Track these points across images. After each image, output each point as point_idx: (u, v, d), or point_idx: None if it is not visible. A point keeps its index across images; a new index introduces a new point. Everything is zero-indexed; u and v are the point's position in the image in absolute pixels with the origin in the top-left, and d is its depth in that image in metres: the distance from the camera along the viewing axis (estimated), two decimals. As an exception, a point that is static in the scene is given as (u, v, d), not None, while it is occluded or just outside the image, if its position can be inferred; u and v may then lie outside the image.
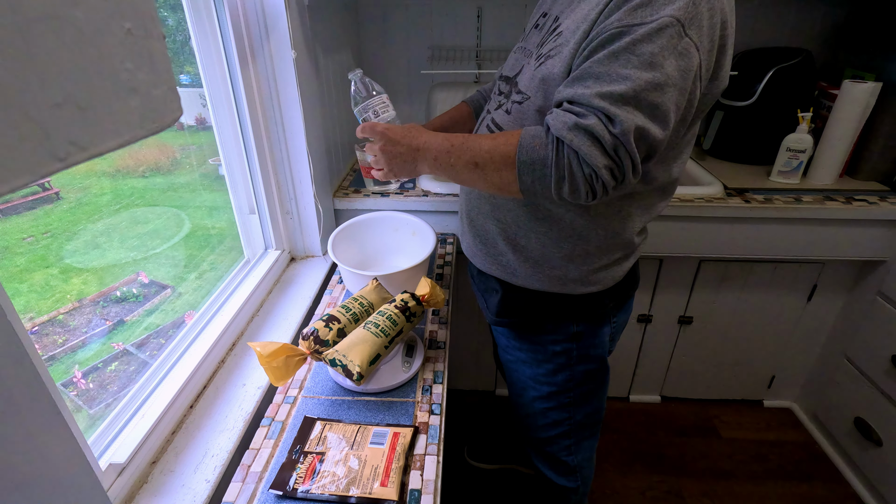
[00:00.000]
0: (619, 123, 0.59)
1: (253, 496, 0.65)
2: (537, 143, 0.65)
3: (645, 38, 0.58)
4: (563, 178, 0.63)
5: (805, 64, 1.39)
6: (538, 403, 0.97)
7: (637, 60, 0.59)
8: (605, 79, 0.60)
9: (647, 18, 0.58)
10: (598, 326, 0.89)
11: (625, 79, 0.59)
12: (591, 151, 0.61)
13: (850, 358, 1.46)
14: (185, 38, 0.92)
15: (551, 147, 0.63)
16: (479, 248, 0.89)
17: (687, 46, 0.59)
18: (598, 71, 0.61)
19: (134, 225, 0.87)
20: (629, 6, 0.60)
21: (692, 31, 0.59)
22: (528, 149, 0.65)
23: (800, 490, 1.49)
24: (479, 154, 0.69)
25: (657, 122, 0.61)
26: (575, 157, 0.62)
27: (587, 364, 0.91)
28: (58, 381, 0.69)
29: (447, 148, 0.71)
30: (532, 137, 0.65)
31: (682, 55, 0.59)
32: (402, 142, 0.74)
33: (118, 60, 0.27)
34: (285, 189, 1.14)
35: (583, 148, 0.60)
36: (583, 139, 0.60)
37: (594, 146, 0.61)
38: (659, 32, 0.58)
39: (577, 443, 1.01)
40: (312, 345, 0.77)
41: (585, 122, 0.60)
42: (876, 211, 1.26)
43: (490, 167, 0.68)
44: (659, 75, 0.59)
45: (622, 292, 0.89)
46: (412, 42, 1.62)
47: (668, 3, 0.58)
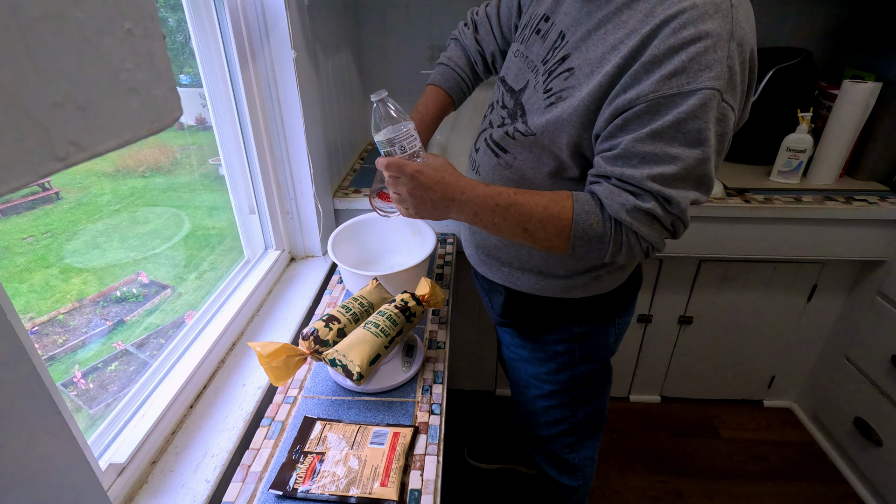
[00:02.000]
0: (676, 205, 0.61)
1: (253, 496, 0.65)
2: (594, 220, 0.64)
3: (690, 115, 0.57)
4: (619, 250, 0.66)
5: (805, 64, 1.39)
6: (540, 402, 0.97)
7: (683, 138, 0.59)
8: (653, 160, 0.60)
9: (684, 88, 0.57)
10: (602, 327, 0.89)
11: (674, 159, 0.59)
12: (651, 232, 0.64)
13: (850, 358, 1.46)
14: (185, 38, 0.92)
15: (609, 226, 0.64)
16: (482, 258, 0.90)
17: (724, 111, 0.59)
18: (644, 151, 0.60)
19: (134, 225, 0.87)
20: (661, 74, 0.57)
21: (728, 95, 0.59)
22: (585, 225, 0.65)
23: (800, 490, 1.49)
24: (529, 220, 0.66)
25: (703, 190, 0.63)
26: (634, 236, 0.64)
27: (590, 364, 0.91)
28: (58, 381, 0.69)
29: (491, 207, 0.67)
30: (587, 214, 0.65)
31: (720, 121, 0.60)
32: (436, 188, 0.68)
33: (118, 60, 0.27)
34: (285, 189, 1.14)
35: (643, 230, 0.63)
36: (643, 222, 0.62)
37: (654, 227, 0.63)
38: (703, 108, 0.57)
39: (578, 441, 1.01)
40: (312, 345, 0.77)
41: (645, 206, 0.61)
42: (876, 211, 1.26)
43: (540, 234, 0.67)
44: (707, 150, 0.59)
45: (625, 294, 0.89)
46: (412, 42, 1.62)
47: (703, 68, 0.56)
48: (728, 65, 0.57)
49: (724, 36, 0.56)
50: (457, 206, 0.68)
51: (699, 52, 0.56)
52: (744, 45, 0.58)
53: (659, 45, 0.57)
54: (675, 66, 0.57)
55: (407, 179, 0.67)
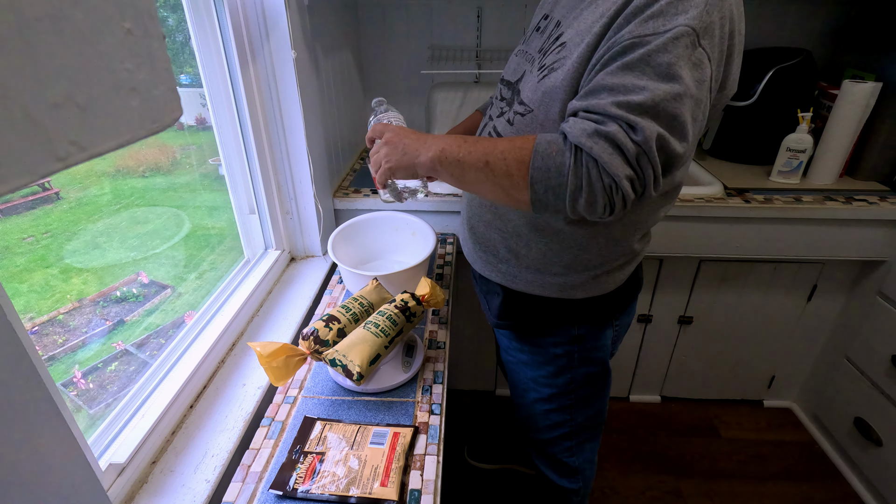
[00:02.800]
0: (640, 131, 0.56)
1: (253, 496, 0.65)
2: (554, 148, 0.61)
3: (661, 48, 0.56)
4: (580, 188, 0.60)
5: (805, 64, 1.39)
6: (539, 405, 0.97)
7: (653, 72, 0.57)
8: (620, 90, 0.58)
9: (660, 28, 0.57)
10: (600, 329, 0.89)
11: (642, 89, 0.57)
12: (612, 160, 0.57)
13: (850, 358, 1.46)
14: (185, 38, 0.92)
15: (569, 154, 0.59)
16: (480, 254, 0.89)
17: (700, 57, 0.58)
18: (612, 83, 0.58)
19: (134, 225, 0.87)
20: (640, 18, 0.58)
21: (705, 40, 0.58)
22: (544, 154, 0.61)
23: (800, 490, 1.49)
24: (492, 153, 0.64)
25: (676, 134, 0.59)
26: (595, 166, 0.58)
27: (588, 367, 0.91)
28: (58, 381, 0.69)
29: (458, 142, 0.68)
30: (548, 143, 0.61)
31: (696, 66, 0.58)
32: (410, 135, 0.73)
33: (118, 60, 0.27)
34: (285, 189, 1.14)
35: (603, 156, 0.57)
36: (604, 146, 0.57)
37: (616, 154, 0.57)
38: (675, 42, 0.56)
39: (578, 444, 1.01)
40: (312, 345, 0.77)
41: (606, 129, 0.57)
42: (876, 211, 1.26)
43: (501, 169, 0.64)
44: (677, 86, 0.57)
45: (625, 296, 0.88)
46: (412, 42, 1.62)
47: (680, 12, 0.57)
48: (707, 10, 0.57)
49: None
50: (427, 147, 0.70)
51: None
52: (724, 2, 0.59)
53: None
54: (653, 10, 0.57)
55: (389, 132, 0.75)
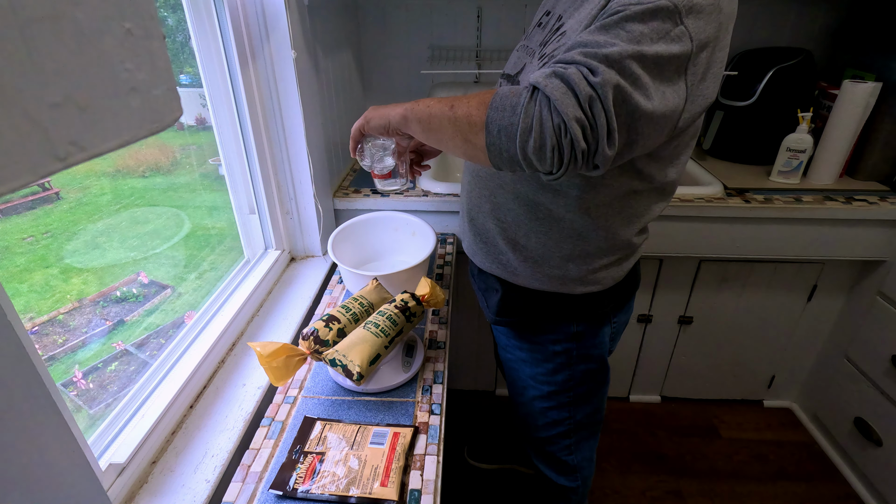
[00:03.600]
0: (599, 74, 0.55)
1: (253, 496, 0.65)
2: (513, 90, 0.61)
3: (636, 16, 0.57)
4: (529, 128, 0.58)
5: (805, 64, 1.39)
6: (538, 403, 0.97)
7: (626, 35, 0.57)
8: (592, 44, 0.58)
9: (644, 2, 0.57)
10: (599, 326, 0.89)
11: (611, 45, 0.56)
12: (564, 98, 0.56)
13: (850, 358, 1.46)
14: (185, 38, 0.92)
15: (525, 94, 0.59)
16: (480, 246, 0.89)
17: (680, 35, 0.58)
18: (586, 39, 0.59)
19: (134, 225, 0.87)
20: None
21: (689, 19, 0.58)
22: (503, 95, 0.61)
23: (800, 490, 1.49)
24: (458, 99, 0.66)
25: (639, 91, 0.57)
26: (546, 105, 0.57)
27: (587, 364, 0.91)
28: (58, 381, 0.69)
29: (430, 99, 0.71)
30: (509, 89, 0.62)
31: (673, 41, 0.58)
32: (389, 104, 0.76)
33: (118, 60, 0.27)
34: (285, 189, 1.14)
35: (556, 93, 0.56)
36: (557, 85, 0.56)
37: (568, 94, 0.56)
38: (652, 14, 0.56)
39: (576, 443, 1.01)
40: (312, 345, 0.77)
41: (563, 70, 0.57)
42: (876, 211, 1.26)
43: (462, 111, 0.64)
44: (646, 52, 0.57)
45: (623, 292, 0.89)
46: (412, 42, 1.62)
47: None
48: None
49: None
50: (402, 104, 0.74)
51: None
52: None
53: None
54: None
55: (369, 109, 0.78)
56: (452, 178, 1.61)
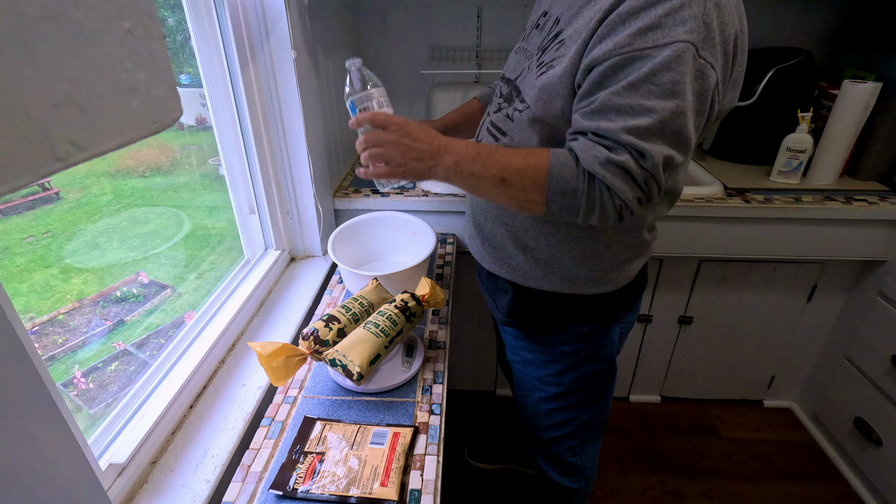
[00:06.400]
0: (649, 158, 0.60)
1: (253, 496, 0.65)
2: (568, 172, 0.64)
3: (664, 66, 0.58)
4: (593, 208, 0.64)
5: (805, 64, 1.39)
6: (544, 404, 0.97)
7: (658, 90, 0.58)
8: (628, 112, 0.60)
9: (659, 42, 0.58)
10: (608, 326, 0.88)
11: (649, 111, 0.59)
12: (623, 187, 0.62)
13: (850, 358, 1.46)
14: (185, 38, 0.92)
15: (583, 179, 0.63)
16: (489, 251, 0.89)
17: (702, 67, 0.59)
18: (619, 104, 0.60)
19: (134, 225, 0.87)
20: (635, 28, 0.58)
21: (706, 51, 0.59)
22: (559, 178, 0.64)
23: (800, 490, 1.49)
24: (507, 169, 0.66)
25: (681, 149, 0.62)
26: (607, 191, 0.63)
27: (595, 364, 0.91)
28: (58, 381, 0.69)
29: (472, 155, 0.68)
30: (562, 165, 0.64)
31: (698, 77, 0.59)
32: (423, 138, 0.69)
33: (118, 60, 0.27)
34: (285, 189, 1.14)
35: (616, 183, 0.61)
36: (615, 175, 0.61)
37: (626, 181, 0.62)
38: (677, 60, 0.57)
39: (581, 444, 1.01)
40: (312, 345, 0.77)
41: (618, 158, 0.60)
42: (876, 211, 1.26)
43: (517, 186, 0.66)
44: (681, 103, 0.59)
45: (632, 292, 0.88)
46: (412, 42, 1.62)
47: (679, 22, 0.57)
48: (704, 21, 0.58)
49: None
50: (442, 157, 0.68)
51: (674, 8, 0.57)
52: (722, 7, 0.59)
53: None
54: (651, 20, 0.58)
55: (396, 128, 0.69)
56: (452, 178, 1.61)
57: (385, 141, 0.70)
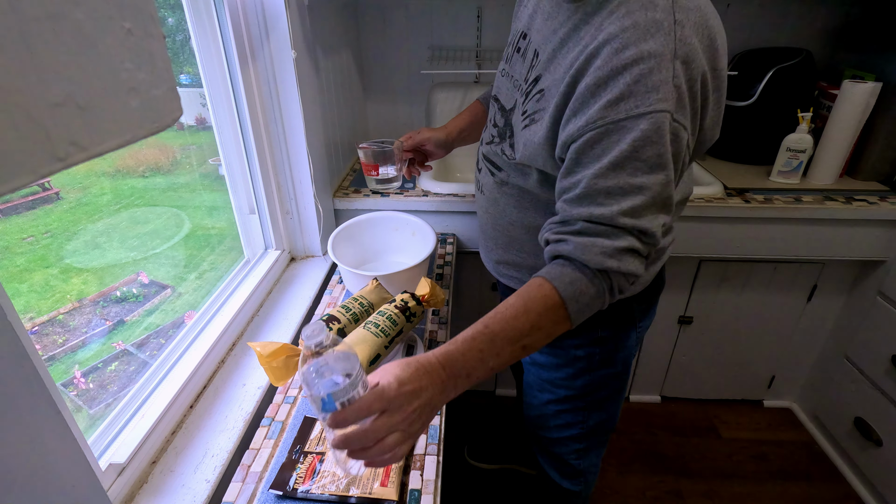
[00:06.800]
0: (651, 234, 0.60)
1: (253, 496, 0.65)
2: (582, 287, 0.60)
3: (646, 140, 0.56)
4: (613, 295, 0.63)
5: (805, 64, 1.39)
6: (552, 406, 0.96)
7: (645, 166, 0.57)
8: (619, 193, 0.58)
9: (633, 112, 0.56)
10: (625, 331, 0.87)
11: (640, 189, 0.58)
12: (636, 267, 0.61)
13: (850, 358, 1.46)
14: (185, 38, 0.92)
15: (598, 280, 0.61)
16: (506, 269, 0.90)
17: (676, 130, 0.58)
18: (608, 186, 0.58)
19: (134, 225, 0.87)
20: (605, 100, 0.57)
21: (679, 114, 0.57)
22: (576, 298, 0.60)
23: (800, 490, 1.49)
24: (522, 337, 0.59)
25: (667, 212, 0.62)
26: (622, 277, 0.61)
27: (608, 369, 0.90)
28: (58, 381, 0.69)
29: (477, 356, 0.57)
30: (572, 285, 0.60)
31: (673, 141, 0.58)
32: (421, 384, 0.53)
33: (118, 60, 0.27)
34: (285, 189, 1.14)
35: (630, 268, 0.60)
36: (627, 261, 0.60)
37: (637, 260, 0.61)
38: (657, 131, 0.56)
39: (586, 448, 1.00)
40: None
41: (624, 244, 0.59)
42: (876, 211, 1.26)
43: (541, 336, 0.61)
44: (668, 173, 0.58)
45: (650, 297, 0.87)
46: (412, 42, 1.62)
47: (650, 90, 0.55)
48: (675, 84, 0.56)
49: (667, 55, 0.55)
50: (451, 382, 0.56)
51: (643, 74, 0.55)
52: (690, 62, 0.57)
53: (602, 66, 0.57)
54: (621, 90, 0.56)
55: (378, 400, 0.51)
56: (452, 178, 1.61)
57: (394, 426, 0.51)
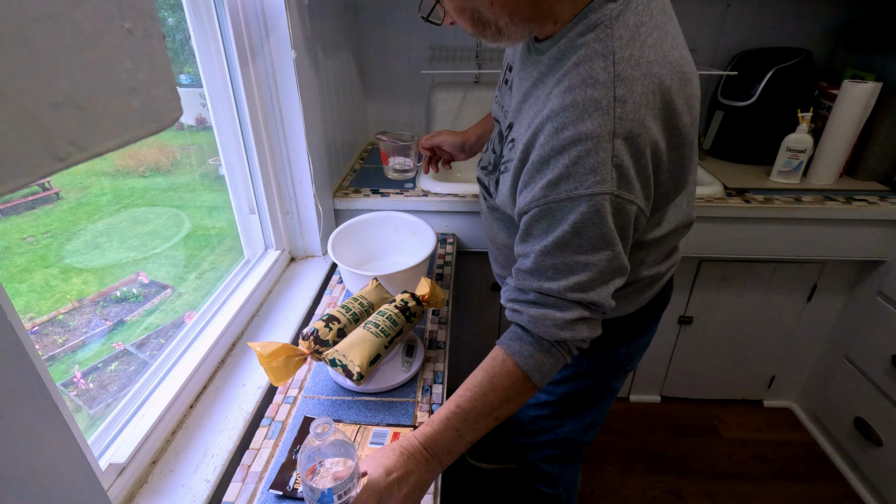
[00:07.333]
0: (600, 305, 0.62)
1: (253, 496, 0.65)
2: (540, 358, 0.64)
3: (586, 223, 0.57)
4: (571, 354, 0.66)
5: (805, 64, 1.39)
6: (530, 411, 0.97)
7: (588, 245, 0.58)
8: (565, 270, 0.60)
9: (572, 193, 0.56)
10: (614, 347, 0.87)
11: (585, 266, 0.59)
12: (589, 332, 0.64)
13: (850, 358, 1.46)
14: (185, 37, 0.92)
15: (555, 351, 0.64)
16: None
17: (620, 205, 0.57)
18: (554, 263, 0.61)
19: (134, 225, 0.87)
20: (546, 180, 0.58)
21: (622, 190, 0.56)
22: (538, 368, 0.64)
23: (800, 490, 1.49)
24: (493, 411, 0.64)
25: (621, 276, 0.63)
26: (581, 341, 0.65)
27: (591, 380, 0.90)
28: (58, 381, 0.69)
29: (453, 435, 0.63)
30: (530, 357, 0.64)
31: (617, 215, 0.58)
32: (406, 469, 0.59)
33: (118, 60, 0.27)
34: (285, 189, 1.14)
35: (583, 334, 0.63)
36: (578, 329, 0.63)
37: (589, 326, 0.64)
38: (597, 214, 0.56)
39: (560, 455, 1.01)
40: (312, 345, 0.77)
41: (573, 315, 0.61)
42: (876, 211, 1.26)
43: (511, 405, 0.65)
44: (613, 248, 0.59)
45: (646, 316, 0.86)
46: (412, 42, 1.62)
47: (587, 172, 0.55)
48: (614, 164, 0.55)
49: (605, 136, 0.54)
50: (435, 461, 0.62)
51: (581, 156, 0.55)
52: (635, 137, 0.55)
53: (544, 143, 0.58)
54: (560, 171, 0.56)
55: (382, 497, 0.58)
56: (452, 178, 1.61)
57: None
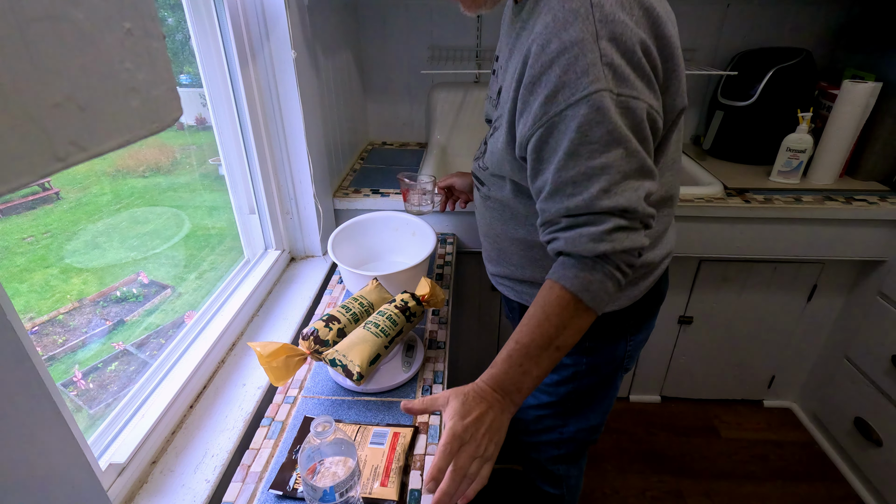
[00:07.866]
0: (632, 209, 0.59)
1: (253, 496, 0.65)
2: (586, 277, 0.61)
3: (590, 122, 0.56)
4: (624, 273, 0.63)
5: (805, 64, 1.39)
6: (533, 411, 0.97)
7: (599, 146, 0.57)
8: (584, 179, 0.59)
9: (570, 100, 0.56)
10: (613, 343, 0.87)
11: (603, 168, 0.58)
12: (632, 241, 0.61)
13: (850, 358, 1.46)
14: (185, 37, 0.92)
15: (599, 266, 0.61)
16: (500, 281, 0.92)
17: (624, 103, 0.57)
18: (571, 176, 0.59)
19: (134, 225, 0.87)
20: (542, 96, 0.58)
21: (622, 87, 0.57)
22: (585, 287, 0.61)
23: (800, 490, 1.49)
24: (551, 340, 0.63)
25: (648, 178, 0.61)
26: (624, 254, 0.61)
27: (593, 378, 0.90)
28: (58, 381, 0.69)
29: (517, 370, 0.63)
30: (574, 278, 0.61)
31: (625, 114, 0.58)
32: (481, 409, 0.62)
33: (118, 60, 0.27)
34: (285, 189, 1.14)
35: (625, 244, 0.60)
36: (618, 240, 0.60)
37: (630, 235, 0.61)
38: (598, 111, 0.56)
39: (565, 455, 1.01)
40: (312, 345, 0.77)
41: (608, 226, 0.59)
42: (876, 211, 1.26)
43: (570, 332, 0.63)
44: (627, 145, 0.58)
45: (643, 310, 0.86)
46: (412, 42, 1.62)
47: (580, 75, 0.56)
48: (605, 63, 0.56)
49: (589, 39, 0.55)
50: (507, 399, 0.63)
51: (570, 63, 0.56)
52: (619, 37, 0.56)
53: (533, 64, 0.58)
54: (554, 84, 0.57)
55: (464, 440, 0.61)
56: (452, 178, 1.61)
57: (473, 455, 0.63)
